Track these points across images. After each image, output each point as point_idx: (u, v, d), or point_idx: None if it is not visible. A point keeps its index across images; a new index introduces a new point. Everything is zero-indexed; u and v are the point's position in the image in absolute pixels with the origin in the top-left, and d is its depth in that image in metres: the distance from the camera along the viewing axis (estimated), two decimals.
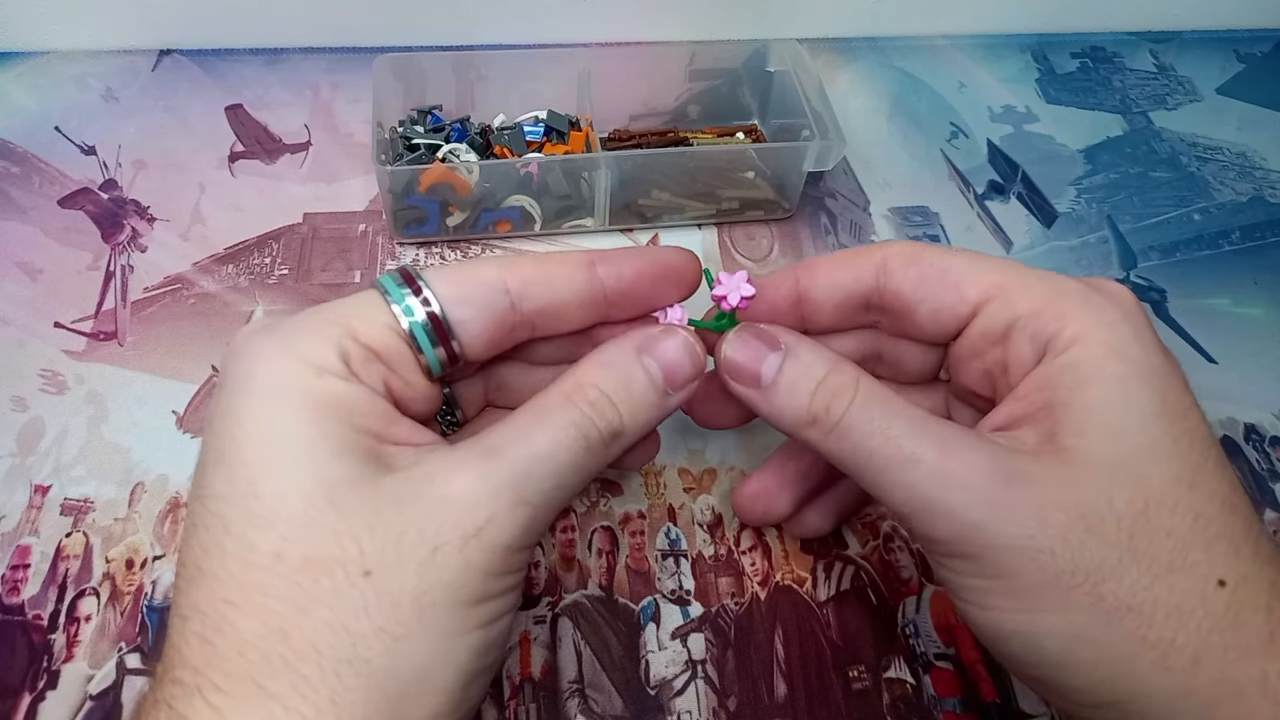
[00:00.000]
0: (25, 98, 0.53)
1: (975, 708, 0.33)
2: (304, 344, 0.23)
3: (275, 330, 0.24)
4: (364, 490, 0.22)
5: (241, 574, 0.21)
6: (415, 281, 0.25)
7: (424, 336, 0.25)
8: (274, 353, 0.23)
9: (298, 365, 0.23)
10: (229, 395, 0.23)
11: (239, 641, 0.20)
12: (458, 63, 0.50)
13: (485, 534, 0.22)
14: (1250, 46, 0.64)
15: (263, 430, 0.22)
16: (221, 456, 0.22)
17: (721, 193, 0.48)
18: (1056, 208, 0.52)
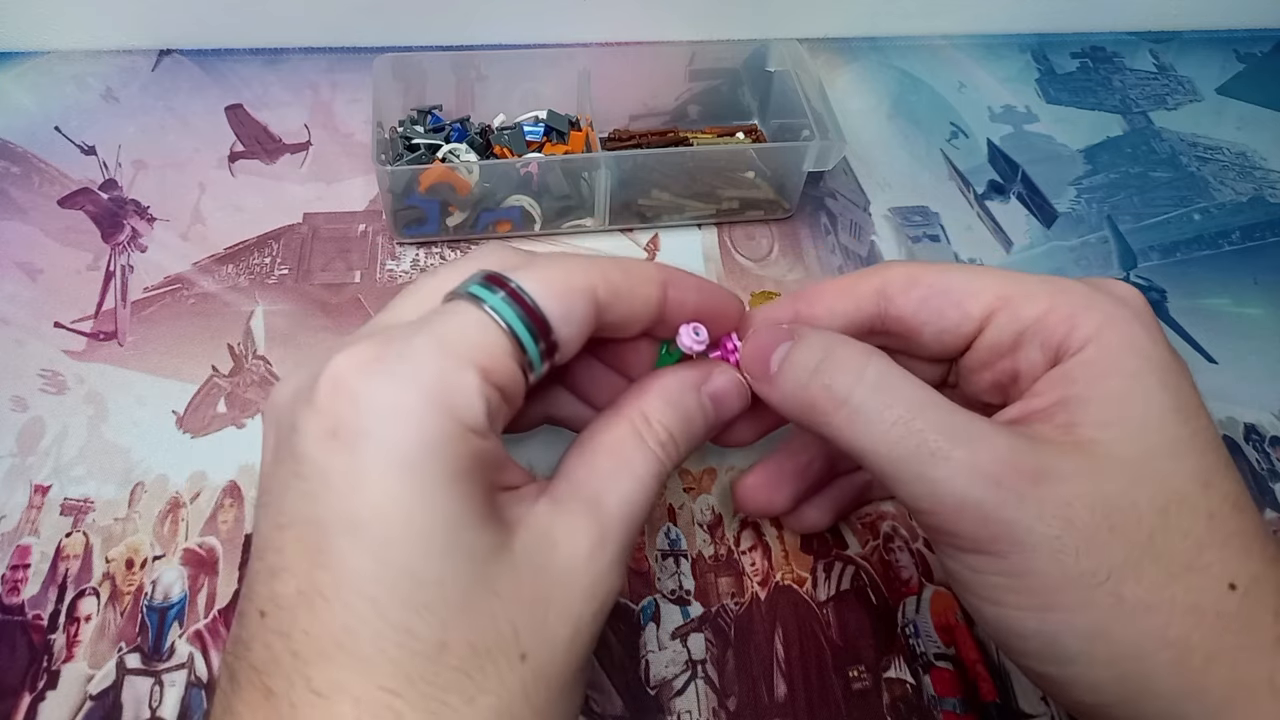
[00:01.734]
0: (25, 98, 0.53)
1: (975, 708, 0.33)
2: (453, 397, 0.21)
3: (408, 375, 0.21)
4: (507, 565, 0.21)
5: (406, 662, 0.20)
6: (538, 314, 0.23)
7: (539, 366, 0.24)
8: (419, 408, 0.21)
9: (449, 425, 0.21)
10: (363, 460, 0.20)
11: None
12: (458, 63, 0.50)
13: (607, 604, 0.23)
14: (1250, 46, 0.64)
15: (415, 510, 0.20)
16: (364, 533, 0.20)
17: (721, 193, 0.48)
18: (1056, 208, 0.52)
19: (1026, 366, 0.27)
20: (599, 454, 0.25)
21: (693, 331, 0.27)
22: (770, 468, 0.34)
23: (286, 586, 0.20)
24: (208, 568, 0.35)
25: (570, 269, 0.24)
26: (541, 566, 0.22)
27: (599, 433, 0.26)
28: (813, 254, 0.48)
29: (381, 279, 0.45)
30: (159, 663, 0.32)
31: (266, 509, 0.22)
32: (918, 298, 0.28)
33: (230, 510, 0.36)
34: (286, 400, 0.22)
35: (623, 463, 0.25)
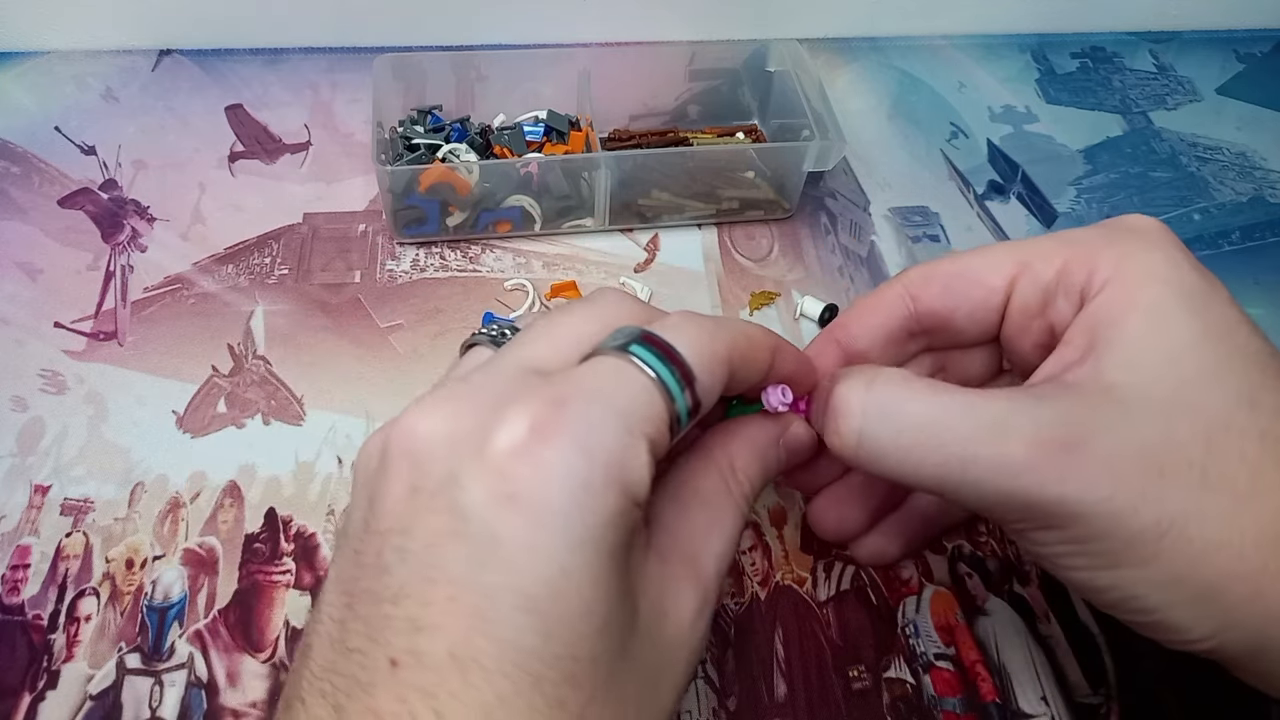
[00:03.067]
0: (25, 98, 0.53)
1: (975, 708, 0.33)
2: (629, 473, 0.21)
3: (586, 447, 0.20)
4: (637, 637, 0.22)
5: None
6: (693, 383, 0.23)
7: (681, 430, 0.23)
8: (601, 483, 0.20)
9: (621, 501, 0.21)
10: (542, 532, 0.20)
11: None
12: (458, 63, 0.50)
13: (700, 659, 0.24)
14: (1250, 46, 0.64)
15: (586, 586, 0.20)
16: (538, 607, 0.20)
17: (721, 193, 0.48)
18: (1056, 208, 0.52)
19: (1059, 319, 0.27)
20: (694, 506, 0.25)
21: (781, 393, 0.28)
22: (838, 488, 0.33)
23: (435, 645, 0.20)
24: (208, 568, 0.35)
25: (714, 335, 0.24)
26: (658, 636, 0.22)
27: (690, 479, 0.26)
28: (813, 254, 0.48)
29: (381, 279, 0.45)
30: (159, 663, 0.32)
31: (406, 554, 0.21)
32: (939, 289, 0.29)
33: (230, 510, 0.36)
34: (438, 443, 0.21)
35: (715, 518, 0.25)
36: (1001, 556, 0.37)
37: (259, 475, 0.38)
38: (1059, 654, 0.34)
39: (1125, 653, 0.34)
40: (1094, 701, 0.33)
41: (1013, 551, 0.37)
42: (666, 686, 0.22)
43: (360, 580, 0.21)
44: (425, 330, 0.43)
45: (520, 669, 0.19)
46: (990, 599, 0.36)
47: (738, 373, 0.24)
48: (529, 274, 0.46)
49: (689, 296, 0.46)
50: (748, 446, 0.26)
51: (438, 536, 0.20)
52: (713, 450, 0.26)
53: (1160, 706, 0.33)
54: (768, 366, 0.26)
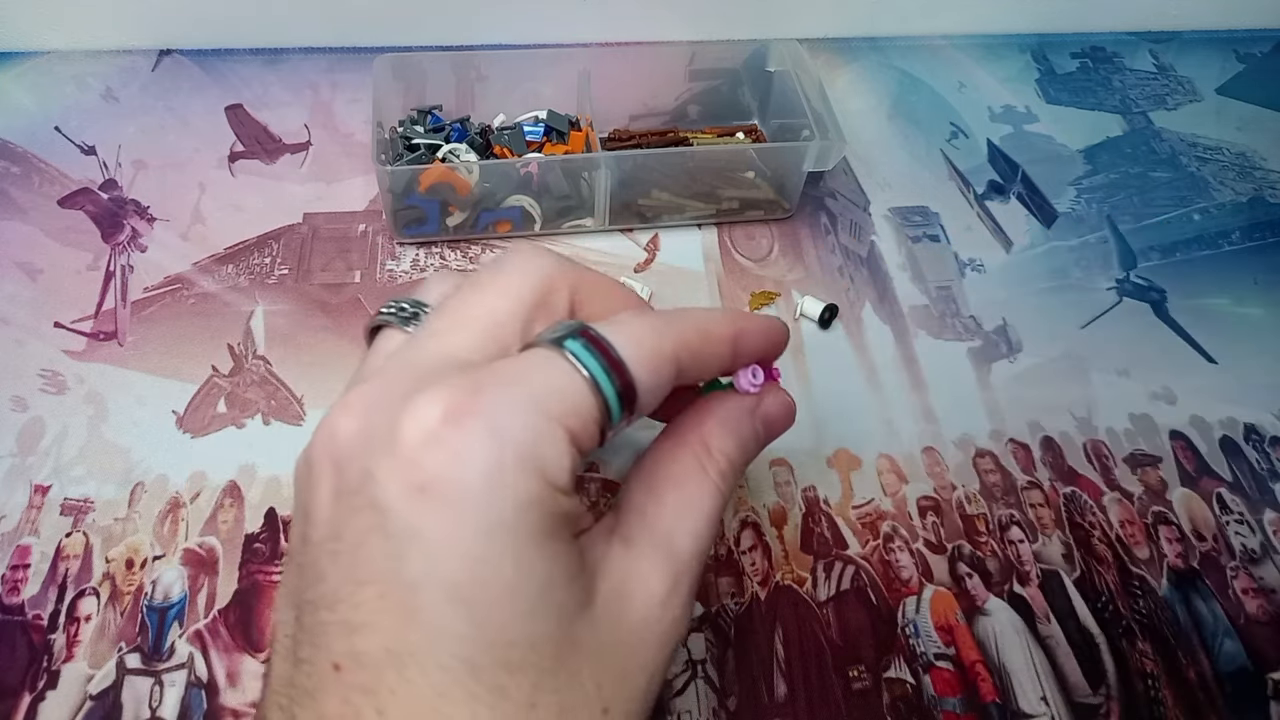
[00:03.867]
0: (25, 98, 0.53)
1: (975, 708, 0.33)
2: (544, 459, 0.21)
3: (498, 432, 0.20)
4: (590, 620, 0.22)
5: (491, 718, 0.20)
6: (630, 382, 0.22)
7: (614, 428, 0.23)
8: (511, 470, 0.20)
9: (538, 486, 0.20)
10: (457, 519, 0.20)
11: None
12: (458, 63, 0.50)
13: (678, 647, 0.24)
14: (1250, 46, 0.64)
15: (509, 570, 0.20)
16: (457, 593, 0.20)
17: (721, 193, 0.48)
18: (1056, 208, 0.52)
19: None
20: (666, 488, 0.25)
21: (751, 375, 0.28)
22: None
23: (370, 644, 0.20)
24: (208, 568, 0.35)
25: (660, 333, 0.23)
26: (619, 617, 0.22)
27: (662, 462, 0.26)
28: (813, 254, 0.48)
29: (381, 279, 0.45)
30: (159, 662, 0.32)
31: (336, 558, 0.21)
32: None
33: (230, 510, 0.36)
34: (353, 442, 0.21)
35: (689, 498, 0.25)
36: (1001, 557, 0.37)
37: (259, 475, 0.38)
38: (1059, 654, 0.34)
39: (1125, 653, 0.34)
40: (1094, 701, 0.33)
41: (1013, 552, 0.37)
42: (636, 665, 0.22)
43: (304, 591, 0.21)
44: None
45: (455, 659, 0.19)
46: (990, 599, 0.36)
47: (689, 369, 0.24)
48: None
49: (689, 296, 0.46)
50: (721, 424, 0.26)
51: (362, 536, 0.20)
52: (685, 432, 0.26)
53: (1159, 707, 0.33)
54: (728, 356, 0.26)
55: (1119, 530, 0.38)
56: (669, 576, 0.23)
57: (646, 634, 0.22)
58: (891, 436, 0.41)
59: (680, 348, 0.24)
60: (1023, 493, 0.39)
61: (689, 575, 0.24)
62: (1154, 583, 0.36)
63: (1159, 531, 0.38)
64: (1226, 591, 0.36)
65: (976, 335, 0.45)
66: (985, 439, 0.41)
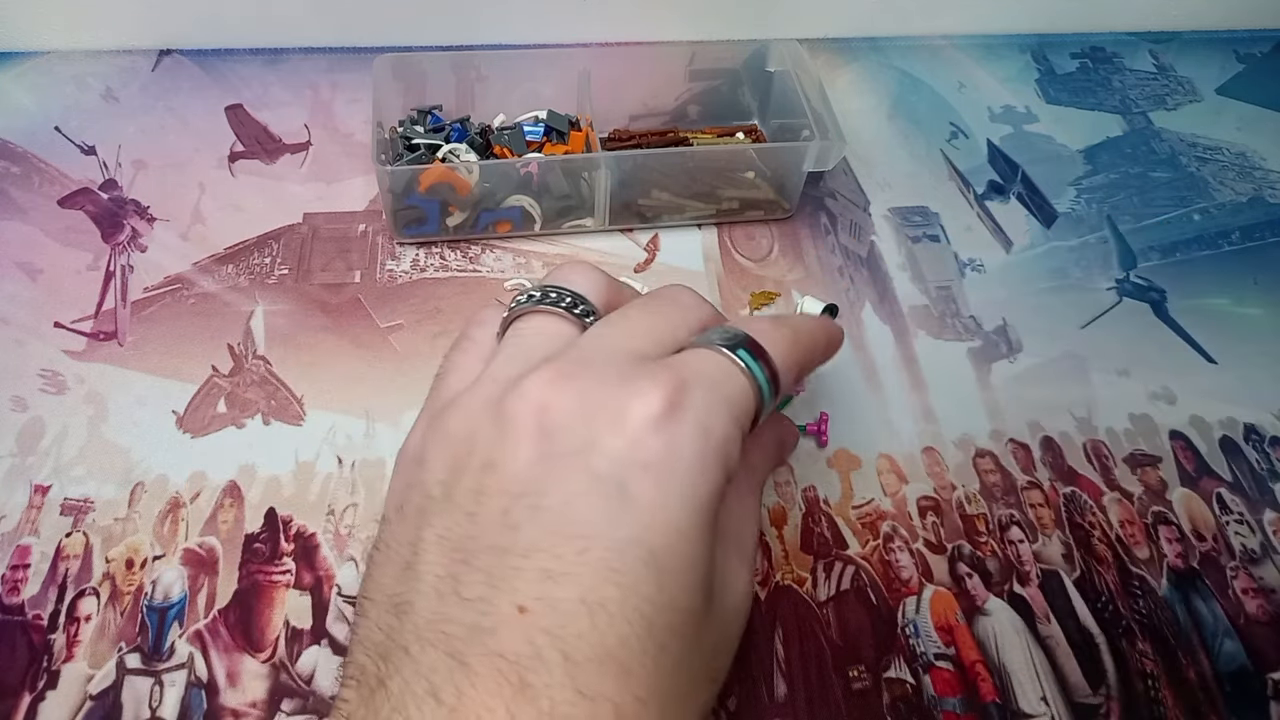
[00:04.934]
0: (25, 98, 0.53)
1: (975, 708, 0.33)
2: (729, 456, 0.24)
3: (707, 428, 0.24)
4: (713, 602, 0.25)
5: (656, 678, 0.22)
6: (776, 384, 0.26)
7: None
8: (713, 461, 0.24)
9: (724, 479, 0.24)
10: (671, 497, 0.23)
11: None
12: (458, 63, 0.50)
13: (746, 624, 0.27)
14: (1250, 46, 0.64)
15: (695, 548, 0.23)
16: (655, 560, 0.22)
17: (721, 193, 0.48)
18: (1056, 208, 0.52)
19: None
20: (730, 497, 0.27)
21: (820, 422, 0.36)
22: None
23: (567, 592, 0.22)
24: (208, 568, 0.35)
25: (795, 345, 0.27)
26: (724, 605, 0.25)
27: None
28: (813, 254, 0.48)
29: (381, 279, 0.45)
30: (159, 663, 0.32)
31: (537, 511, 0.23)
32: None
33: (230, 510, 0.36)
34: (574, 415, 0.24)
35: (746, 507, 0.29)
36: (1001, 557, 0.37)
37: (259, 475, 0.38)
38: (1059, 654, 0.34)
39: (1125, 653, 0.34)
40: (1094, 701, 0.33)
41: (1013, 552, 0.37)
42: (724, 651, 0.25)
43: (479, 537, 0.23)
44: (425, 330, 0.43)
45: (639, 614, 0.22)
46: (990, 599, 0.36)
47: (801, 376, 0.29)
48: (529, 274, 0.46)
49: None
50: (758, 445, 0.30)
51: (574, 496, 0.23)
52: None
53: (1159, 707, 0.33)
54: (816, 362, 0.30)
55: (1119, 530, 0.38)
56: (744, 572, 0.27)
57: (736, 624, 0.26)
58: (891, 436, 0.41)
59: (803, 359, 0.28)
60: (1023, 493, 0.39)
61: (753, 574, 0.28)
62: (1154, 583, 0.36)
63: (1159, 531, 0.38)
64: (1226, 591, 0.36)
65: (976, 335, 0.45)
66: (985, 439, 0.41)
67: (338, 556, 0.35)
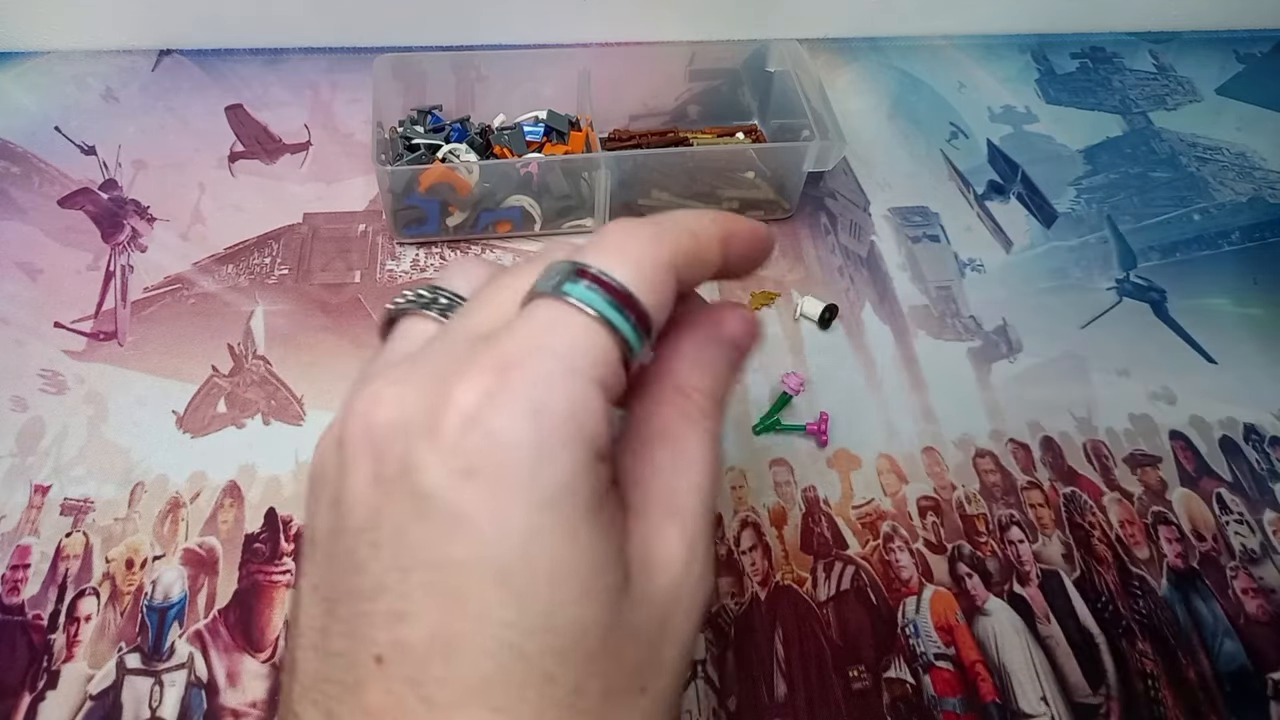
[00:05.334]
0: (25, 98, 0.53)
1: (975, 708, 0.33)
2: (585, 425, 0.20)
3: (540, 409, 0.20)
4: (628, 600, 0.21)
5: (543, 710, 0.19)
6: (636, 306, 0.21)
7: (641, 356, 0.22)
8: (557, 442, 0.20)
9: (585, 457, 0.20)
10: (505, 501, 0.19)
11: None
12: (458, 63, 0.50)
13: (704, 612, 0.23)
14: (1250, 46, 0.64)
15: (558, 552, 0.20)
16: (505, 578, 0.19)
17: (721, 193, 0.48)
18: (1056, 208, 0.52)
19: None
20: (654, 447, 0.24)
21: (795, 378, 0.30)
22: None
23: (416, 633, 0.19)
24: (208, 568, 0.35)
25: (656, 243, 0.22)
26: (648, 594, 0.22)
27: (643, 421, 0.24)
28: (812, 254, 0.48)
29: (381, 279, 0.45)
30: (159, 662, 0.32)
31: (378, 549, 0.20)
32: None
33: (230, 510, 0.36)
34: (392, 428, 0.21)
35: (681, 449, 0.24)
36: (1001, 557, 0.37)
37: (259, 475, 0.38)
38: (1059, 654, 0.34)
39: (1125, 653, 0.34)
40: (1094, 701, 0.33)
41: (1013, 552, 0.37)
42: (669, 643, 0.22)
43: (337, 583, 0.21)
44: None
45: (502, 644, 0.19)
46: (990, 599, 0.36)
47: (686, 277, 0.23)
48: None
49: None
50: (690, 361, 0.25)
51: (404, 524, 0.20)
52: (657, 381, 0.25)
53: (1159, 707, 0.33)
54: (718, 259, 0.24)
55: (1119, 530, 0.38)
56: (682, 540, 0.22)
57: (674, 607, 0.22)
58: (891, 436, 0.41)
59: (676, 254, 0.23)
60: (1023, 493, 0.39)
61: (701, 534, 0.23)
62: (1154, 583, 0.36)
63: (1159, 531, 0.38)
64: (1226, 591, 0.36)
65: (976, 335, 0.45)
66: (985, 439, 0.41)
67: None
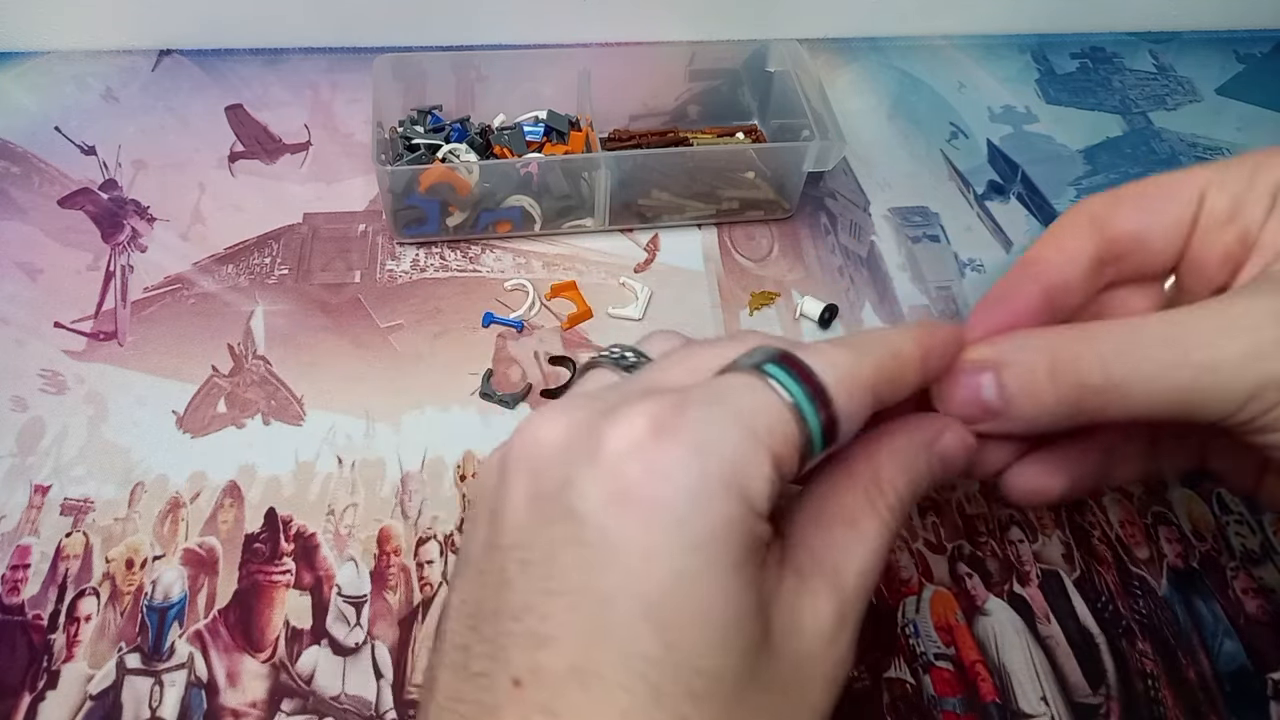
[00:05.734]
0: (25, 98, 0.53)
1: (975, 708, 0.33)
2: (748, 480, 0.20)
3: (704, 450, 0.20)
4: (769, 655, 0.21)
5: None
6: (833, 413, 0.22)
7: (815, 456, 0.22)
8: (716, 489, 0.19)
9: (740, 509, 0.20)
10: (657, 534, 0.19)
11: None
12: (458, 63, 0.50)
13: (842, 684, 0.22)
14: (1250, 47, 0.64)
15: (706, 594, 0.19)
16: (651, 612, 0.19)
17: (721, 193, 0.48)
18: (1056, 208, 0.52)
19: (1251, 222, 0.26)
20: (835, 523, 0.24)
21: None
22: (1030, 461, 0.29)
23: (555, 660, 0.19)
24: (208, 568, 0.35)
25: (859, 359, 0.23)
26: (794, 655, 0.21)
27: (832, 495, 0.25)
28: (813, 254, 0.48)
29: (381, 279, 0.45)
30: (159, 663, 0.32)
31: (528, 567, 0.20)
32: (1131, 206, 0.27)
33: (230, 510, 0.36)
34: (556, 449, 0.21)
35: (858, 533, 0.24)
36: (1001, 557, 0.37)
37: (259, 475, 0.38)
38: (1059, 654, 0.34)
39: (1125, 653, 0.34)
40: (1094, 701, 0.33)
41: (1013, 552, 0.37)
42: (806, 706, 0.21)
43: (485, 601, 0.21)
44: (425, 330, 0.43)
45: (641, 680, 0.19)
46: (990, 599, 0.36)
47: (884, 398, 0.23)
48: (529, 274, 0.46)
49: (689, 296, 0.46)
50: (893, 457, 0.25)
51: (556, 545, 0.20)
52: (855, 464, 0.25)
53: (1159, 707, 0.33)
54: (920, 378, 0.25)
55: (1119, 530, 0.38)
56: (837, 612, 0.22)
57: (815, 669, 0.22)
58: None
59: (878, 374, 0.23)
60: None
61: (855, 612, 0.23)
62: (1154, 583, 0.36)
63: (1159, 531, 0.38)
64: (1226, 591, 0.36)
65: None
66: None
67: (338, 556, 0.35)
